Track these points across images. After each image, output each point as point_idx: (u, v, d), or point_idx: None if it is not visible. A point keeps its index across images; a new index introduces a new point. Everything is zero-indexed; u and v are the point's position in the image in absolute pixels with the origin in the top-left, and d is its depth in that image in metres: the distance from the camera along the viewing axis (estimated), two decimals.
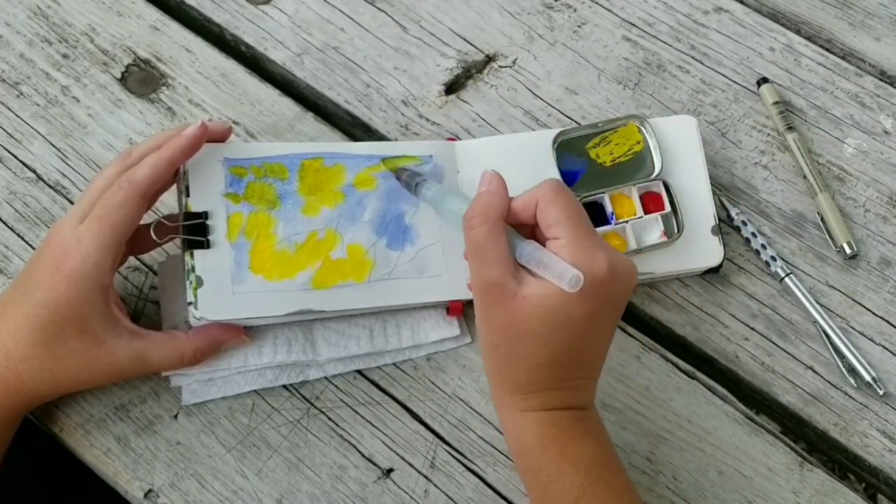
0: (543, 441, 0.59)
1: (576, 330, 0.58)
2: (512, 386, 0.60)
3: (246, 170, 0.69)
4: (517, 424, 0.60)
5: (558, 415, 0.59)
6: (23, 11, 0.87)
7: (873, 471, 0.70)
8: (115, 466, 0.67)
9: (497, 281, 0.58)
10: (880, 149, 0.81)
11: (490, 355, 0.60)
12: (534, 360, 0.58)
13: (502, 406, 0.61)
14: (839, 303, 0.74)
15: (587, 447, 0.60)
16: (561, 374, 0.59)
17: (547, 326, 0.57)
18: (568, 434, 0.59)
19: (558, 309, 0.57)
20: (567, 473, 0.58)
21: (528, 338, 0.58)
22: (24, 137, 0.80)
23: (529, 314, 0.57)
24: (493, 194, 0.61)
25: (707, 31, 0.87)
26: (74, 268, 0.62)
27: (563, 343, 0.58)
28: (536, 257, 0.58)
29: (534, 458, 0.59)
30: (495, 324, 0.58)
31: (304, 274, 0.67)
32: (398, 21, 0.88)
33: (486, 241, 0.58)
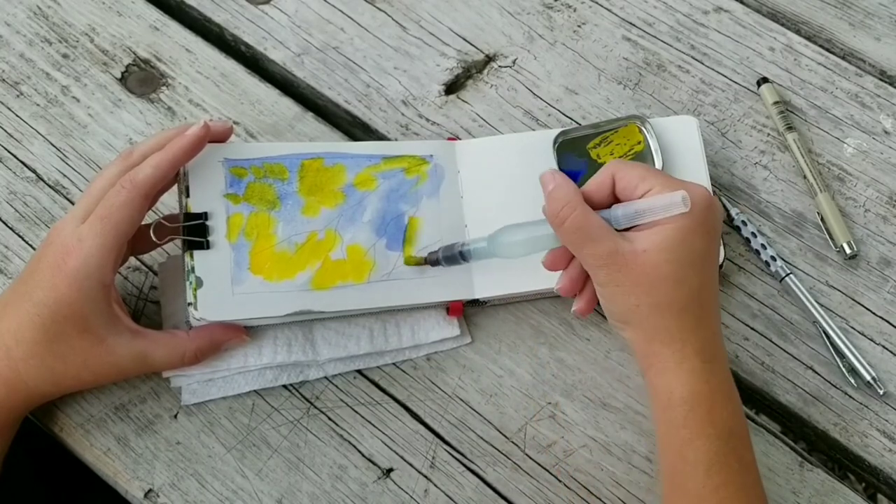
0: (693, 399, 0.60)
1: (702, 261, 0.61)
2: (665, 335, 0.60)
3: (246, 170, 0.69)
4: (670, 378, 0.60)
5: (710, 369, 0.60)
6: (23, 11, 0.87)
7: (873, 471, 0.70)
8: (115, 466, 0.67)
9: (613, 249, 0.60)
10: (880, 149, 0.81)
11: (633, 317, 0.61)
12: (676, 304, 0.60)
13: (655, 361, 0.61)
14: (839, 303, 0.74)
15: (730, 413, 0.60)
16: (703, 315, 0.61)
17: (678, 265, 0.59)
18: (717, 393, 0.60)
19: (680, 245, 0.59)
20: (708, 436, 0.59)
21: (666, 282, 0.59)
22: (24, 137, 0.80)
23: (657, 261, 0.59)
24: (565, 185, 0.62)
25: (707, 31, 0.87)
26: (76, 267, 0.62)
27: (697, 278, 0.60)
28: (633, 210, 0.60)
29: (679, 414, 0.60)
30: (628, 286, 0.60)
31: (303, 274, 0.67)
32: (398, 21, 0.88)
33: (585, 221, 0.60)
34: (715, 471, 0.59)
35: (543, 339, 0.72)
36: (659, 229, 0.60)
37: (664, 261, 0.59)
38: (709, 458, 0.59)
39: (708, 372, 0.60)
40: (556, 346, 0.72)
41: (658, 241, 0.60)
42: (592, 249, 0.60)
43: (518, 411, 0.70)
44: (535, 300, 0.74)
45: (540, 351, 0.72)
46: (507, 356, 0.72)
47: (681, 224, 0.60)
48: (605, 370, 0.71)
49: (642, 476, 0.68)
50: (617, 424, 0.69)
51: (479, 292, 0.71)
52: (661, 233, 0.60)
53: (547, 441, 0.69)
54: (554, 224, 0.62)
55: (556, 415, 0.70)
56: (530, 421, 0.69)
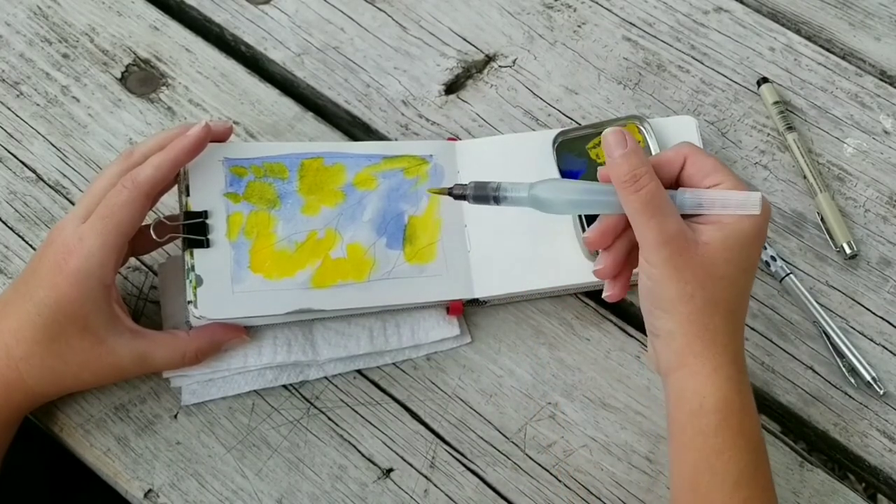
0: (727, 407, 0.58)
1: (752, 269, 0.59)
2: (710, 337, 0.58)
3: (246, 169, 0.69)
4: (706, 382, 0.58)
5: (742, 380, 0.59)
6: (23, 11, 0.87)
7: (873, 471, 0.70)
8: (115, 466, 0.67)
9: (680, 230, 0.57)
10: (880, 149, 0.81)
11: (682, 307, 0.58)
12: (728, 306, 0.58)
13: (692, 361, 0.58)
14: (839, 303, 0.74)
15: (758, 427, 0.59)
16: (740, 324, 0.60)
17: (736, 268, 0.58)
18: (747, 407, 0.59)
19: (741, 248, 0.58)
20: (739, 448, 0.58)
21: (721, 281, 0.57)
22: (24, 137, 0.80)
23: (718, 258, 0.57)
24: (640, 151, 0.59)
25: (707, 30, 0.87)
26: (77, 267, 0.62)
27: (746, 285, 0.59)
28: (707, 198, 0.58)
29: (712, 422, 0.58)
30: (688, 273, 0.57)
31: (303, 273, 0.67)
32: (398, 21, 0.88)
33: (659, 193, 0.57)
34: (743, 484, 0.57)
35: (543, 339, 0.72)
36: (723, 226, 0.57)
37: (724, 259, 0.57)
38: (739, 470, 0.57)
39: (741, 382, 0.59)
40: (556, 346, 0.72)
41: (721, 238, 0.57)
42: (662, 224, 0.57)
43: (518, 411, 0.70)
44: (535, 300, 0.74)
45: (540, 351, 0.72)
46: (507, 356, 0.72)
47: (745, 227, 0.58)
48: (605, 370, 0.71)
49: (642, 476, 0.68)
50: (617, 424, 0.69)
51: (479, 292, 0.71)
52: (724, 230, 0.57)
53: (547, 441, 0.69)
54: (627, 188, 0.57)
55: (556, 415, 0.70)
56: (530, 421, 0.69)
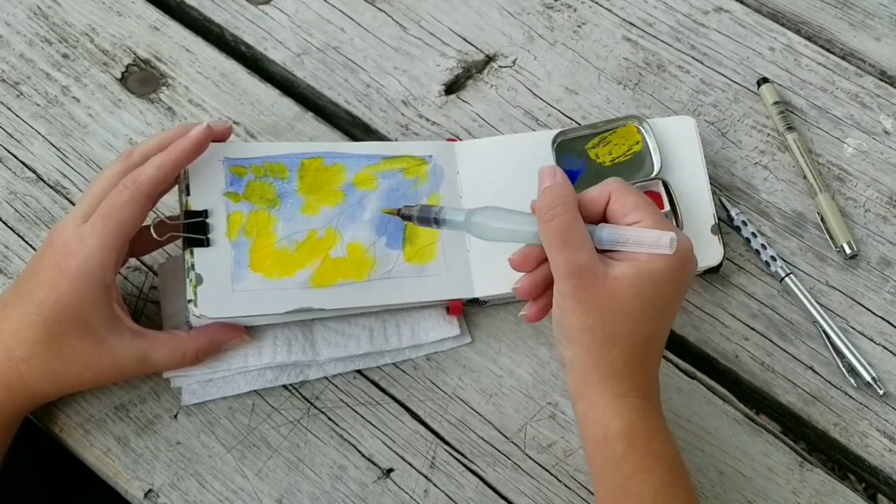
0: (632, 432, 0.58)
1: (664, 309, 0.60)
2: (607, 369, 0.59)
3: (246, 169, 0.69)
4: (605, 411, 0.59)
5: (646, 405, 0.59)
6: (23, 11, 0.87)
7: (873, 471, 0.70)
8: (115, 466, 0.67)
9: (587, 263, 0.58)
10: (880, 149, 0.81)
11: (582, 338, 0.59)
12: (629, 341, 0.59)
13: (590, 391, 0.59)
14: (839, 303, 0.74)
15: (670, 445, 0.60)
16: (648, 357, 0.60)
17: (642, 305, 0.58)
18: (654, 428, 0.59)
19: (652, 286, 0.59)
20: (651, 469, 0.58)
21: (624, 317, 0.58)
22: (24, 137, 0.80)
23: (624, 293, 0.58)
24: (565, 185, 0.62)
25: (707, 31, 0.87)
26: (77, 267, 0.62)
27: (655, 322, 0.60)
28: (623, 235, 0.60)
29: (618, 448, 0.59)
30: (590, 306, 0.58)
31: (303, 272, 0.67)
32: (398, 21, 0.88)
33: (572, 226, 0.59)
34: (661, 502, 0.58)
35: (543, 339, 0.72)
36: (636, 264, 0.59)
37: (631, 296, 0.58)
38: (654, 489, 0.58)
39: (643, 407, 0.59)
40: (556, 346, 0.72)
41: (631, 275, 0.59)
42: (569, 256, 0.59)
43: (518, 411, 0.70)
44: None
45: (540, 351, 0.72)
46: (507, 356, 0.72)
47: (657, 266, 0.59)
48: None
49: None
50: None
51: (479, 292, 0.71)
52: (636, 268, 0.59)
53: (547, 441, 0.69)
54: (542, 219, 0.60)
55: (556, 415, 0.70)
56: (530, 421, 0.69)
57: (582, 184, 0.74)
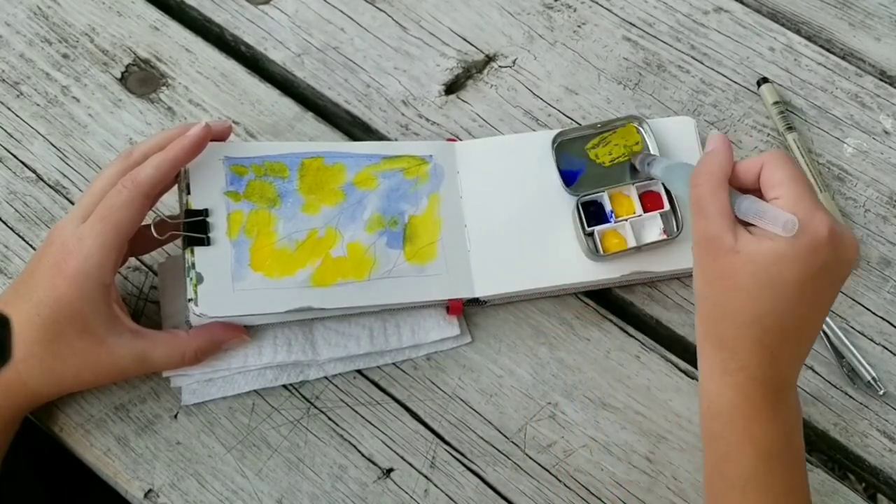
0: (732, 412, 0.58)
1: (786, 292, 0.57)
2: (717, 341, 0.59)
3: (246, 168, 0.69)
4: (711, 385, 0.59)
5: (754, 388, 0.58)
6: (23, 11, 0.87)
7: (873, 471, 0.70)
8: (115, 466, 0.67)
9: (715, 234, 0.58)
10: (880, 149, 0.81)
11: (699, 305, 0.59)
12: (740, 317, 0.58)
13: (704, 360, 0.60)
14: (839, 303, 0.74)
15: (772, 431, 0.58)
16: (765, 339, 0.58)
17: (757, 282, 0.57)
18: (757, 412, 0.58)
19: (769, 264, 0.57)
20: (744, 452, 0.57)
21: (736, 292, 0.57)
22: (24, 137, 0.80)
23: (740, 267, 0.57)
24: (718, 154, 0.61)
25: (707, 31, 0.87)
26: (76, 267, 0.62)
27: (772, 304, 0.58)
28: (754, 208, 0.58)
29: (718, 425, 0.58)
30: (709, 276, 0.58)
31: (304, 271, 0.67)
32: (398, 21, 0.88)
33: (709, 196, 0.59)
34: (751, 489, 0.57)
35: (543, 339, 0.72)
36: (761, 240, 0.57)
37: (748, 272, 0.57)
38: (745, 475, 0.57)
39: (751, 389, 0.58)
40: (556, 346, 0.72)
41: (752, 250, 0.57)
42: (699, 226, 0.59)
43: (518, 411, 0.70)
44: (535, 300, 0.74)
45: (540, 351, 0.72)
46: (507, 356, 0.72)
47: (779, 246, 0.57)
48: (605, 370, 0.71)
49: (642, 476, 0.68)
50: (617, 424, 0.69)
51: (479, 291, 0.71)
52: (759, 244, 0.57)
53: (547, 441, 0.69)
54: (691, 183, 0.61)
55: (556, 415, 0.70)
56: (530, 421, 0.69)
57: (581, 184, 0.74)
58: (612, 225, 0.72)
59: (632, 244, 0.72)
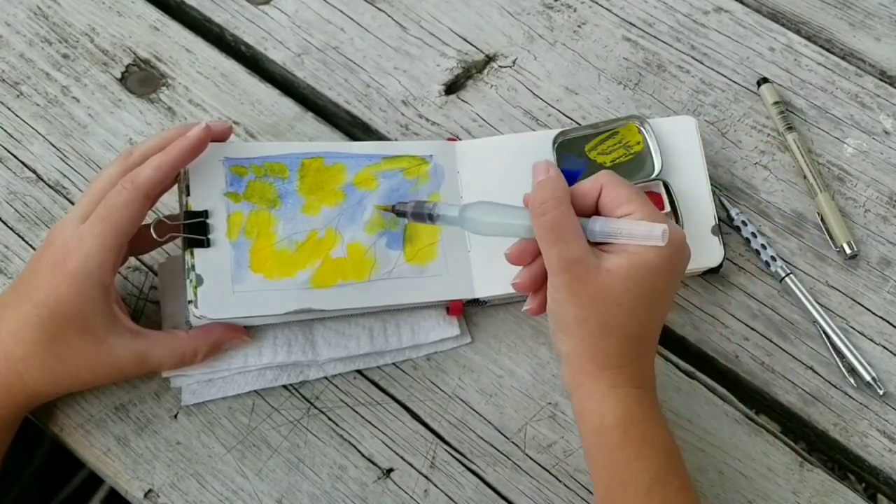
0: (627, 421, 0.59)
1: (658, 299, 0.60)
2: (603, 359, 0.60)
3: (246, 169, 0.69)
4: (602, 401, 0.60)
5: (641, 395, 0.60)
6: (23, 11, 0.87)
7: (873, 471, 0.70)
8: (115, 466, 0.67)
9: (580, 257, 0.59)
10: (880, 149, 0.81)
11: (577, 331, 0.60)
12: (623, 332, 0.59)
13: (587, 381, 0.60)
14: (839, 303, 0.74)
15: (665, 434, 0.60)
16: (643, 348, 0.61)
17: (635, 297, 0.59)
18: (649, 417, 0.60)
19: (644, 278, 0.59)
20: (646, 457, 0.59)
21: (618, 308, 0.59)
22: (24, 137, 0.80)
23: (617, 286, 0.59)
24: (557, 179, 0.62)
25: (707, 31, 0.87)
26: (76, 267, 0.62)
27: (648, 314, 0.60)
28: (615, 227, 0.60)
29: (614, 437, 0.59)
30: (584, 298, 0.59)
31: (304, 273, 0.67)
32: (398, 21, 0.88)
33: (565, 220, 0.60)
34: (656, 490, 0.58)
35: (543, 339, 0.72)
36: (627, 256, 0.59)
37: (624, 288, 0.59)
38: (649, 477, 0.58)
39: (639, 396, 0.60)
40: (552, 339, 0.72)
41: (624, 267, 0.59)
42: (562, 251, 0.59)
43: (518, 411, 0.70)
44: None
45: (540, 351, 0.72)
46: (507, 356, 0.72)
47: (650, 258, 0.59)
48: None
49: None
50: None
51: (479, 292, 0.71)
52: (628, 260, 0.59)
53: (547, 441, 0.69)
54: (535, 213, 0.61)
55: (556, 415, 0.70)
56: (530, 421, 0.70)
57: None
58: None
59: None
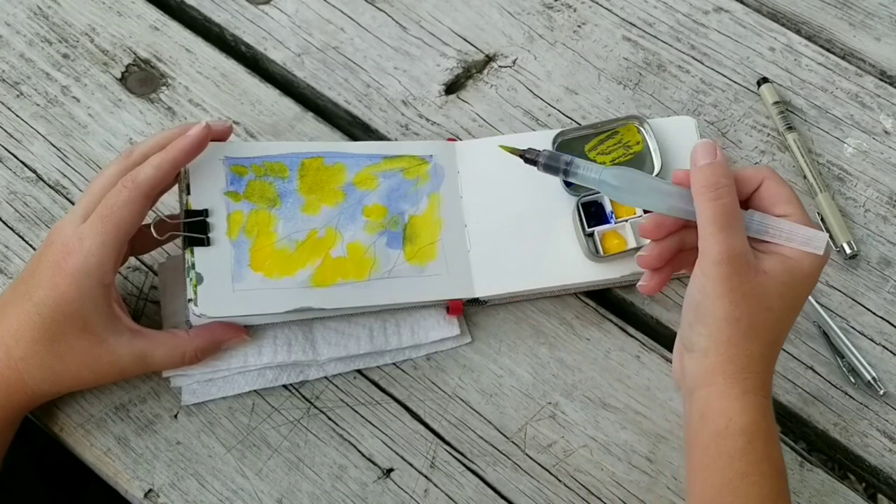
0: (754, 431, 0.57)
1: (799, 309, 0.59)
2: (745, 362, 0.57)
3: (246, 168, 0.69)
4: (734, 404, 0.57)
5: (768, 406, 0.58)
6: (23, 11, 0.87)
7: (873, 471, 0.70)
8: (115, 466, 0.67)
9: (744, 251, 0.57)
10: (880, 149, 0.81)
11: (725, 328, 0.57)
12: (768, 337, 0.58)
13: (721, 381, 0.58)
14: (839, 303, 0.74)
15: (780, 453, 0.59)
16: (775, 356, 0.59)
17: (784, 303, 0.58)
18: (772, 433, 0.58)
19: (796, 286, 0.58)
20: (763, 474, 0.57)
21: (767, 313, 0.57)
22: (24, 137, 0.80)
23: (772, 290, 0.57)
24: (727, 163, 0.59)
25: (707, 31, 0.87)
26: (77, 266, 0.62)
27: (790, 322, 0.59)
28: (775, 226, 0.58)
29: (738, 443, 0.57)
30: (739, 295, 0.57)
31: (304, 272, 0.67)
32: (398, 21, 0.88)
33: (736, 209, 0.57)
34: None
35: (543, 339, 0.72)
36: (784, 260, 0.58)
37: (777, 294, 0.57)
38: (762, 495, 0.57)
39: (768, 409, 0.58)
40: (556, 346, 0.72)
41: (781, 271, 0.57)
42: (730, 240, 0.56)
43: (518, 411, 0.70)
44: (535, 300, 0.74)
45: (540, 351, 0.72)
46: (507, 356, 0.72)
47: (805, 266, 0.58)
48: (605, 370, 0.71)
49: (642, 476, 0.68)
50: (617, 424, 0.69)
51: (479, 291, 0.71)
52: (785, 264, 0.58)
53: (547, 441, 0.69)
54: (707, 196, 0.57)
55: (556, 415, 0.70)
56: (530, 421, 0.69)
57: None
58: (613, 225, 0.72)
59: (632, 245, 0.72)
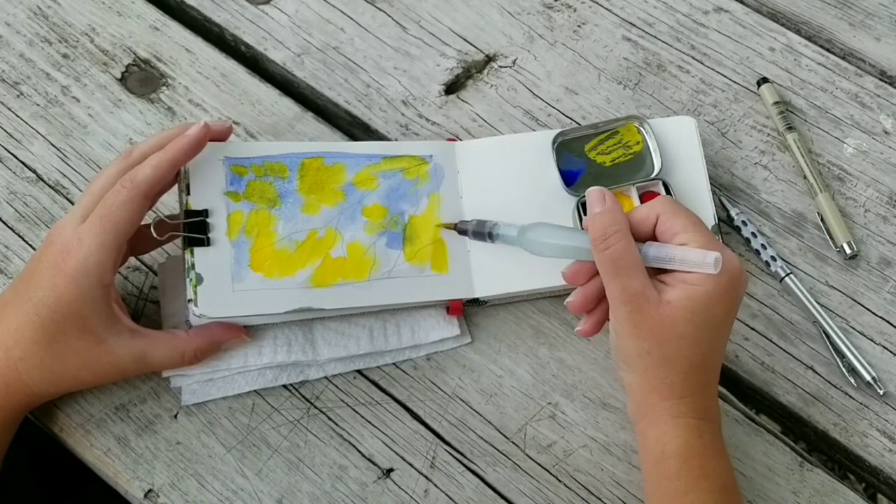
0: (687, 451, 0.60)
1: (719, 328, 0.61)
2: (666, 390, 0.60)
3: (246, 168, 0.69)
4: (665, 430, 0.60)
5: (704, 426, 0.60)
6: (23, 11, 0.87)
7: (873, 471, 0.70)
8: (115, 466, 0.67)
9: (641, 290, 0.59)
10: (880, 149, 0.81)
11: (639, 362, 0.60)
12: (686, 363, 0.60)
13: (650, 411, 0.61)
14: (839, 303, 0.74)
15: (723, 468, 0.61)
16: (706, 378, 0.61)
17: (696, 327, 0.59)
18: (710, 449, 0.60)
19: (704, 308, 0.59)
20: (703, 490, 0.59)
21: (679, 340, 0.59)
22: (24, 137, 0.80)
23: (677, 317, 0.59)
24: (616, 210, 0.62)
25: (707, 31, 0.87)
26: (76, 266, 0.62)
27: (710, 344, 0.61)
28: (668, 253, 0.60)
29: (673, 466, 0.60)
30: (644, 330, 0.59)
31: (304, 272, 0.67)
32: (398, 21, 0.88)
33: (626, 253, 0.60)
34: None
35: (543, 339, 0.72)
36: (686, 287, 0.60)
37: (685, 320, 0.59)
38: None
39: (701, 428, 0.60)
40: (556, 346, 0.72)
41: (683, 298, 0.59)
42: (624, 283, 0.60)
43: (518, 411, 0.70)
44: (535, 300, 0.74)
45: (540, 351, 0.72)
46: (507, 356, 0.72)
47: (708, 288, 0.59)
48: (605, 370, 0.71)
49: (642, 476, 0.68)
50: (617, 424, 0.69)
51: (479, 292, 0.71)
52: (687, 291, 0.59)
53: (547, 441, 0.69)
54: (597, 246, 0.61)
55: (556, 415, 0.70)
56: (530, 421, 0.69)
57: (582, 184, 0.74)
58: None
59: None
